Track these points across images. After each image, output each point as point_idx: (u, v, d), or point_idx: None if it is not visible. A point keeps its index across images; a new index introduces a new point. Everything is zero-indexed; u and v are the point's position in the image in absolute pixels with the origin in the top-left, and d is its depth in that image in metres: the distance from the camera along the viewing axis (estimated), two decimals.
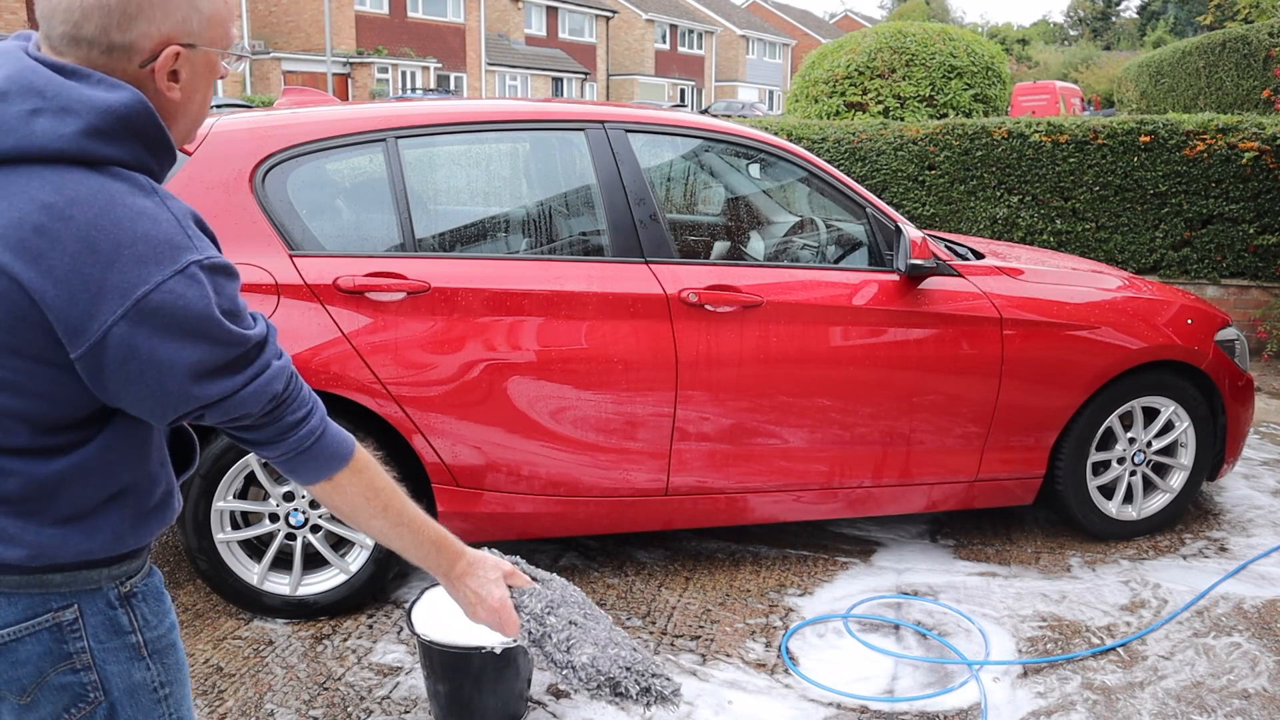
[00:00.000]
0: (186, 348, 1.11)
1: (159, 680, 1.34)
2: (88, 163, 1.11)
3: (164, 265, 1.10)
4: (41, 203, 1.08)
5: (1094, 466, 3.78)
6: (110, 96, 1.13)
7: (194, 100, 1.25)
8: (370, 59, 32.93)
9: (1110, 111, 25.99)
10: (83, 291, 1.07)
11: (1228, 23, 15.57)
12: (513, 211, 3.56)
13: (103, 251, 1.08)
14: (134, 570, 1.30)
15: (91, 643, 1.26)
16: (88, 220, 1.08)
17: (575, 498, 3.26)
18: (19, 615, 1.21)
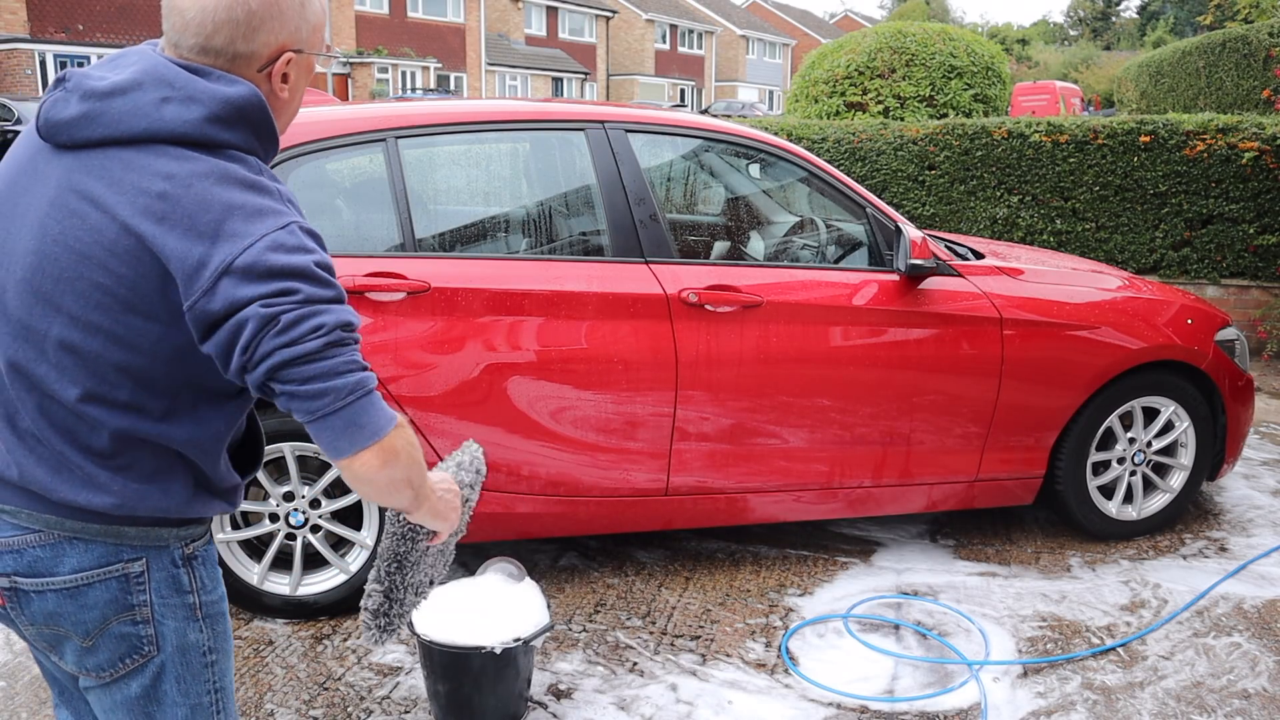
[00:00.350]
0: (282, 280, 1.24)
1: (209, 645, 1.46)
2: (208, 146, 1.29)
3: (269, 220, 1.26)
4: (166, 174, 1.25)
5: (1094, 466, 3.78)
6: (230, 90, 1.31)
7: (296, 97, 1.45)
8: (370, 59, 32.93)
9: (1110, 111, 25.99)
10: (201, 243, 1.23)
11: (1228, 23, 15.57)
12: (513, 211, 3.56)
13: (216, 211, 1.24)
14: (197, 535, 1.43)
15: (154, 597, 1.38)
16: (205, 188, 1.25)
17: (575, 498, 3.26)
18: (94, 561, 1.34)
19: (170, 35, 1.35)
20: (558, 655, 3.00)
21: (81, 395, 1.30)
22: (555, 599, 3.34)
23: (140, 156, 1.27)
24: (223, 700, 1.50)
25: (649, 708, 2.75)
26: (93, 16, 25.88)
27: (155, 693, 1.42)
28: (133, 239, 1.25)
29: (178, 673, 1.42)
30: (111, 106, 1.28)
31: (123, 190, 1.26)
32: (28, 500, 1.33)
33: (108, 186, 1.26)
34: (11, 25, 23.81)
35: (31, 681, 2.84)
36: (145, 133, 1.27)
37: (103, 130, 1.28)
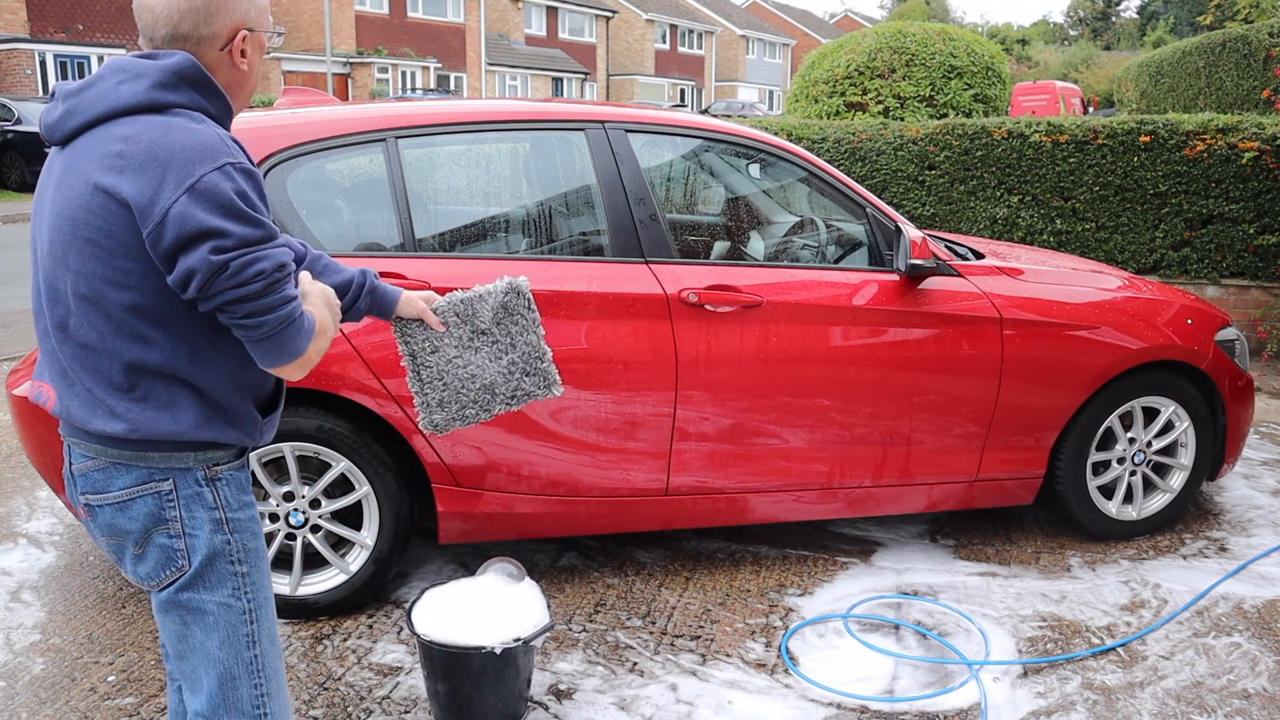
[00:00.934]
0: (219, 220, 1.48)
1: (237, 555, 1.69)
2: (157, 108, 1.54)
3: (207, 162, 1.49)
4: (122, 136, 1.52)
5: (1094, 466, 3.78)
6: (169, 60, 1.57)
7: (254, 72, 1.70)
8: (370, 59, 32.92)
9: (1110, 112, 25.98)
10: (150, 184, 1.48)
11: (1228, 23, 15.57)
12: (513, 211, 3.56)
13: (162, 157, 1.49)
14: (219, 460, 1.67)
15: (183, 513, 1.64)
16: (152, 139, 1.50)
17: (575, 498, 3.26)
18: (133, 481, 1.63)
19: (144, 31, 1.62)
20: (558, 655, 3.00)
21: (99, 335, 1.57)
22: (555, 599, 3.34)
23: (106, 129, 1.54)
24: (256, 613, 1.71)
25: (649, 708, 2.74)
26: (93, 16, 25.87)
27: (192, 601, 1.67)
28: (101, 195, 1.51)
29: (208, 581, 1.67)
30: (83, 99, 1.57)
31: (92, 158, 1.53)
32: (81, 434, 1.64)
33: (85, 159, 1.53)
34: (11, 25, 23.80)
35: (31, 681, 2.84)
36: (109, 110, 1.54)
37: (79, 119, 1.56)
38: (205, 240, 1.48)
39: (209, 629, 1.68)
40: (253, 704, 1.72)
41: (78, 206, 1.53)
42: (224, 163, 1.51)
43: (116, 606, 3.27)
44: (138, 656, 2.97)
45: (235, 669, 1.70)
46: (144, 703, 2.74)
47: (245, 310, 1.53)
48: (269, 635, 1.74)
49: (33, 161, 17.15)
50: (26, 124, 17.20)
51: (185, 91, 1.57)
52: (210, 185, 1.48)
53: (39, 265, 1.64)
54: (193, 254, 1.48)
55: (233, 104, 1.66)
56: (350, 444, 3.02)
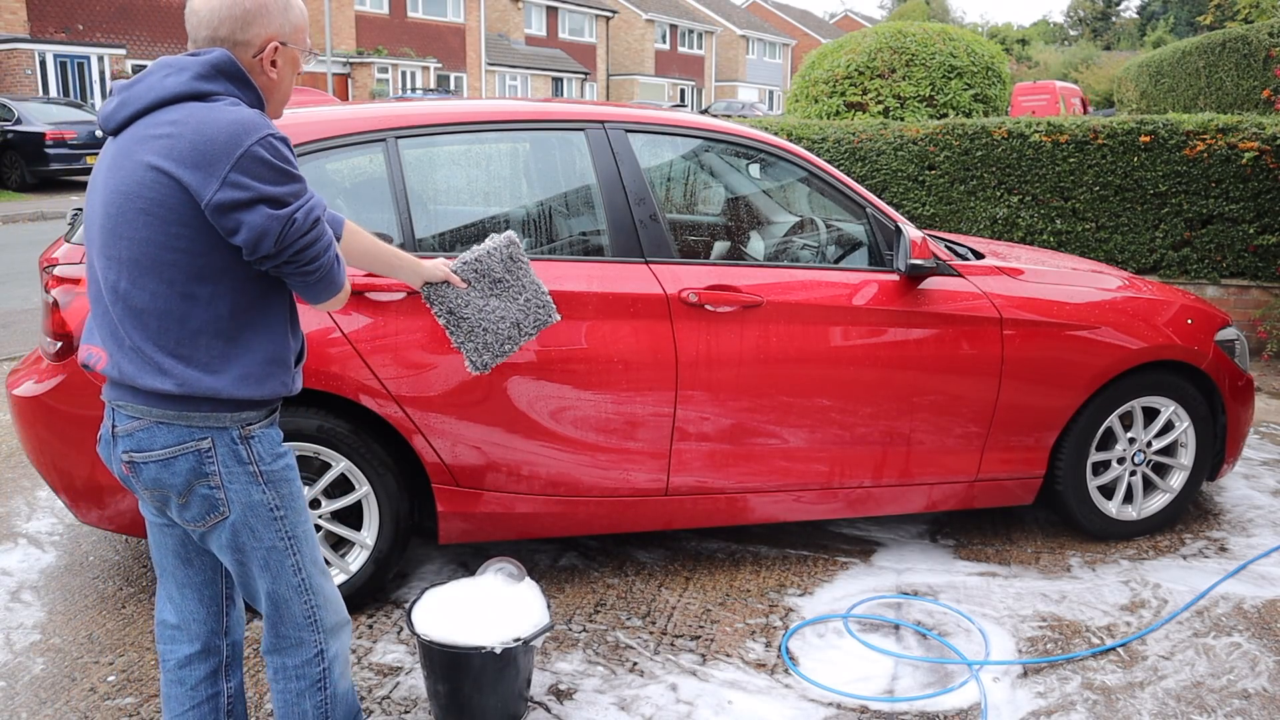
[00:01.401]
0: (272, 184, 1.73)
1: (274, 503, 1.92)
2: (199, 97, 1.77)
3: (250, 135, 1.72)
4: (169, 120, 1.75)
5: (1094, 466, 3.78)
6: (207, 55, 1.80)
7: (284, 83, 1.92)
8: (370, 59, 32.92)
9: (1109, 112, 25.97)
10: (204, 159, 1.70)
11: (1228, 23, 15.57)
12: (513, 211, 3.56)
13: (209, 134, 1.71)
14: (252, 419, 1.89)
15: (221, 468, 1.86)
16: (198, 120, 1.73)
17: (575, 498, 3.26)
18: (175, 440, 1.84)
19: (190, 35, 1.86)
20: (558, 655, 3.00)
21: (150, 296, 1.77)
22: (555, 599, 3.34)
23: (155, 116, 1.77)
24: (296, 545, 1.96)
25: (649, 708, 2.74)
26: (93, 16, 25.87)
27: (237, 541, 1.91)
28: (153, 171, 1.72)
29: (250, 525, 1.90)
30: (134, 91, 1.80)
31: (143, 141, 1.75)
32: (131, 395, 1.84)
33: (136, 144, 1.76)
34: (11, 25, 23.80)
35: (31, 681, 2.84)
36: (157, 99, 1.77)
37: (130, 109, 1.79)
38: (266, 204, 1.72)
39: (260, 566, 1.95)
40: (305, 616, 2.01)
41: (132, 183, 1.74)
42: (264, 134, 1.74)
43: (116, 606, 3.27)
44: (138, 656, 2.97)
45: (286, 594, 1.98)
46: (144, 703, 2.74)
47: (309, 255, 1.79)
48: (311, 560, 2.00)
49: (33, 161, 17.14)
50: (26, 124, 17.18)
51: (222, 82, 1.80)
52: (256, 154, 1.72)
53: (93, 239, 1.84)
54: (257, 216, 1.72)
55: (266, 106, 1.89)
56: (350, 444, 3.02)
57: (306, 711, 2.07)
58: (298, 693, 2.05)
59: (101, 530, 3.68)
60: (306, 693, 2.06)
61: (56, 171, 17.33)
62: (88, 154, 17.39)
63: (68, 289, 2.96)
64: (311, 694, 2.06)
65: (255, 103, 1.84)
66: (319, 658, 2.05)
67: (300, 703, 2.06)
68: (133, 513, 3.04)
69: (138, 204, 1.74)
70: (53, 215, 14.34)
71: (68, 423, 3.00)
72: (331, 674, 2.08)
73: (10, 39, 23.02)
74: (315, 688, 2.06)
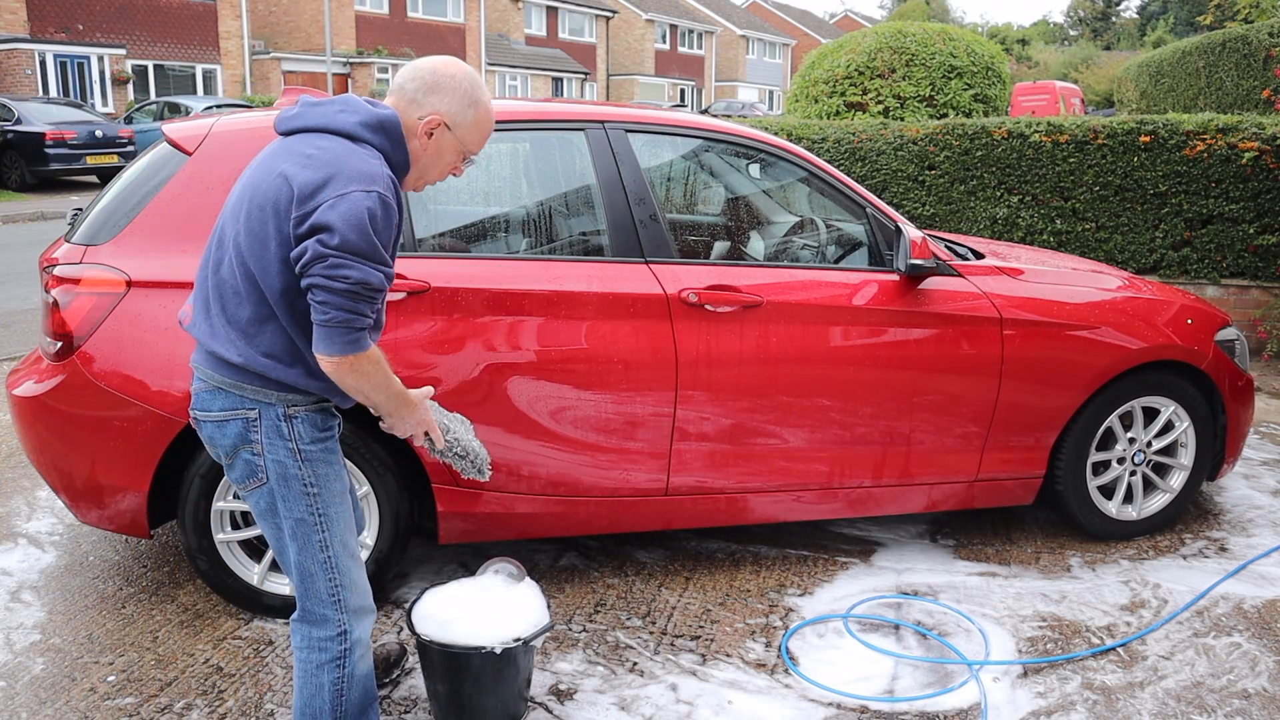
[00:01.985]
0: (344, 226, 1.88)
1: (308, 479, 2.09)
2: (353, 138, 1.99)
3: (364, 184, 1.91)
4: (318, 145, 1.97)
5: (1094, 466, 3.78)
6: (379, 110, 2.04)
7: (432, 159, 2.11)
8: (370, 59, 32.92)
9: (1109, 112, 25.96)
10: (317, 181, 1.90)
11: (1228, 23, 15.57)
12: (513, 211, 3.56)
13: (334, 166, 1.91)
14: (297, 402, 2.07)
15: (264, 438, 2.06)
16: (335, 154, 1.94)
17: (575, 498, 3.26)
18: (228, 405, 2.06)
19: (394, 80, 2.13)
20: (558, 655, 3.00)
21: (237, 278, 1.99)
22: (555, 599, 3.33)
23: (312, 137, 1.99)
24: (326, 523, 2.12)
25: (649, 708, 2.74)
26: (93, 16, 25.86)
27: (272, 507, 2.10)
28: (282, 178, 1.93)
29: (284, 495, 2.09)
30: (312, 111, 2.03)
31: (291, 154, 1.97)
32: (204, 359, 2.08)
33: (285, 153, 1.98)
34: (11, 25, 23.79)
35: (31, 681, 2.84)
36: (321, 126, 2.00)
37: (300, 123, 2.03)
38: (325, 233, 1.88)
39: (290, 535, 2.11)
40: (329, 593, 2.15)
41: (264, 182, 1.96)
42: (375, 190, 1.91)
43: (116, 606, 3.27)
44: (138, 656, 2.97)
45: (311, 567, 2.13)
46: (144, 703, 2.74)
47: (322, 296, 1.91)
48: (340, 541, 2.15)
49: (33, 161, 17.14)
50: (26, 124, 17.17)
51: (379, 136, 2.01)
52: (355, 201, 1.88)
53: (222, 216, 2.07)
54: (312, 239, 1.89)
55: (409, 169, 2.09)
56: (350, 444, 3.02)
57: (323, 684, 2.21)
58: (318, 664, 2.19)
59: (101, 530, 3.68)
60: (326, 666, 2.19)
61: (56, 171, 17.32)
62: (88, 154, 17.39)
63: (68, 289, 2.96)
64: (330, 669, 2.19)
65: (400, 164, 2.05)
66: (342, 636, 2.18)
67: (319, 675, 2.20)
68: (133, 513, 3.04)
69: (259, 199, 1.95)
70: (53, 215, 14.34)
71: (68, 423, 3.00)
72: (352, 655, 2.20)
73: (10, 39, 23.02)
74: (334, 664, 2.19)
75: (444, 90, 2.05)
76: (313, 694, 2.21)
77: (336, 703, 2.22)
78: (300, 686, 2.22)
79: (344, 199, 1.88)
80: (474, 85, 2.09)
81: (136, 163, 3.25)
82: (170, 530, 3.83)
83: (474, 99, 2.08)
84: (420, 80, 2.06)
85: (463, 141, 2.10)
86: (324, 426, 2.11)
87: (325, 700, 2.22)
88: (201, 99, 20.62)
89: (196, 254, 2.96)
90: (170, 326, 2.92)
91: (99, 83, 24.96)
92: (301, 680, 2.22)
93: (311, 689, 2.21)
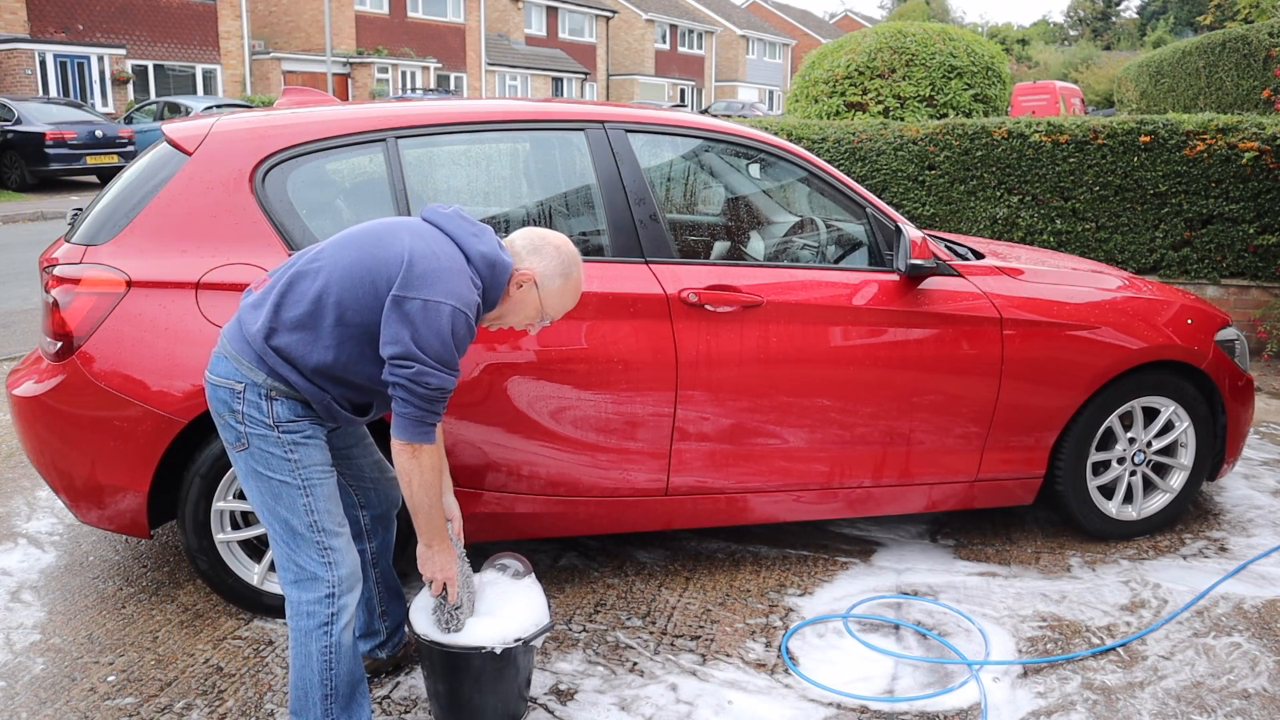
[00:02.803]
0: (432, 336, 2.17)
1: (287, 448, 2.27)
2: (468, 258, 2.27)
3: (458, 301, 2.19)
4: (445, 250, 2.24)
5: (1094, 466, 3.78)
6: (501, 254, 2.32)
7: (511, 308, 2.38)
8: (370, 59, 32.91)
9: (1109, 112, 25.95)
10: (425, 277, 2.18)
11: (1228, 23, 15.57)
12: (513, 211, 3.56)
13: (444, 275, 2.20)
14: (280, 390, 2.25)
15: (246, 409, 2.25)
16: (450, 267, 2.22)
17: (575, 498, 3.26)
18: (224, 372, 2.28)
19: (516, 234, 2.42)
20: (558, 655, 3.00)
21: (311, 284, 2.23)
22: (555, 599, 3.34)
23: (444, 239, 2.27)
24: (310, 489, 2.28)
25: (649, 708, 2.74)
26: (93, 16, 25.86)
27: (254, 470, 2.28)
28: (404, 252, 2.21)
29: (264, 460, 2.27)
30: (456, 220, 2.32)
31: (421, 237, 2.25)
32: (232, 326, 2.32)
33: (417, 234, 2.26)
34: (11, 25, 23.79)
35: (31, 681, 2.84)
36: (455, 237, 2.29)
37: (442, 223, 2.31)
38: (413, 342, 2.16)
39: (273, 496, 2.28)
40: (318, 553, 2.30)
41: (389, 246, 2.23)
42: (465, 312, 2.20)
43: (116, 606, 3.27)
44: (138, 656, 2.97)
45: (299, 527, 2.28)
46: (144, 703, 2.74)
47: (404, 395, 2.19)
48: (326, 510, 2.30)
49: (33, 161, 17.13)
50: (26, 124, 17.17)
51: (487, 271, 2.28)
52: (447, 313, 2.17)
53: (331, 240, 2.31)
54: (403, 340, 2.16)
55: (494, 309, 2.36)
56: None
57: (311, 654, 2.31)
58: (305, 631, 2.30)
59: (101, 530, 3.68)
60: (313, 634, 2.30)
61: (56, 171, 17.32)
62: (87, 154, 17.39)
63: (68, 289, 2.96)
64: (318, 636, 2.30)
65: (490, 301, 2.32)
66: (329, 600, 2.30)
67: (307, 643, 2.30)
68: (133, 513, 3.04)
69: (378, 256, 2.21)
70: (53, 215, 14.34)
71: (68, 423, 3.00)
72: (338, 620, 2.31)
73: (10, 39, 23.02)
74: (322, 630, 2.30)
75: (545, 255, 2.34)
76: (302, 665, 2.32)
77: (325, 674, 2.31)
78: (292, 660, 2.34)
79: (439, 308, 2.15)
80: (572, 262, 2.37)
81: (136, 163, 3.25)
82: (170, 530, 3.83)
83: (567, 272, 2.36)
84: (529, 241, 2.35)
85: (545, 303, 2.37)
86: (302, 414, 2.29)
87: (314, 671, 2.31)
88: (201, 99, 20.64)
89: (196, 254, 2.96)
90: (170, 326, 2.92)
91: (99, 83, 24.95)
92: (292, 653, 2.34)
93: (301, 660, 2.32)
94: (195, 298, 2.93)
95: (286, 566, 2.32)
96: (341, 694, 2.34)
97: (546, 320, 2.41)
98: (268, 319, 2.24)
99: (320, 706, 2.34)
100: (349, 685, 2.36)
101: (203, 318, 2.92)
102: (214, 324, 2.90)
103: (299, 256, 2.31)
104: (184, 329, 2.91)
